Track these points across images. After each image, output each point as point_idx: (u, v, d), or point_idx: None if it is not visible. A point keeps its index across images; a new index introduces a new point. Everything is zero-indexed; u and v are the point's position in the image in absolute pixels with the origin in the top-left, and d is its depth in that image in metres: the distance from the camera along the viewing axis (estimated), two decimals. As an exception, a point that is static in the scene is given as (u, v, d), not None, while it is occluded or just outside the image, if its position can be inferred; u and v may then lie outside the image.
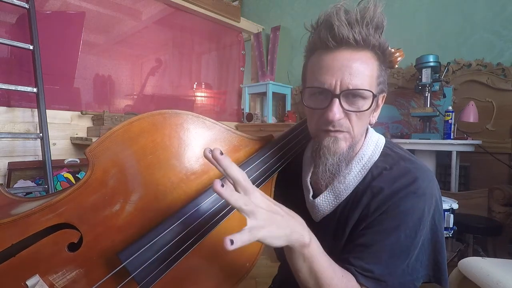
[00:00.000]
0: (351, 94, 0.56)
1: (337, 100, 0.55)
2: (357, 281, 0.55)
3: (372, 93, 0.56)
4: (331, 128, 0.58)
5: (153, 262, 0.53)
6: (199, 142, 0.63)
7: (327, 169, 0.59)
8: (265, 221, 0.42)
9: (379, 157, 0.63)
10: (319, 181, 0.63)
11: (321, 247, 0.52)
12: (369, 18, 0.54)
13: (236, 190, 0.43)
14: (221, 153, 0.43)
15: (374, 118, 0.64)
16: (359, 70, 0.55)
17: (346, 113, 0.57)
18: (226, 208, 0.60)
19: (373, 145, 0.64)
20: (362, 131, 0.61)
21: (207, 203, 0.59)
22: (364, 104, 0.56)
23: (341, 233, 0.63)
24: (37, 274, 0.52)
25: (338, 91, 0.55)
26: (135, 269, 0.52)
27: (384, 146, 0.65)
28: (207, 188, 0.60)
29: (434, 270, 0.61)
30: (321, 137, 0.60)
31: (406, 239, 0.56)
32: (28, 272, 0.51)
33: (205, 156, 0.43)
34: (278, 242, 0.44)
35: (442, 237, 0.61)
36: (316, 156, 0.61)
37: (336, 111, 0.55)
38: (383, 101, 0.65)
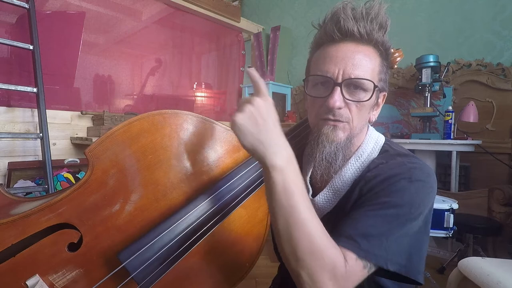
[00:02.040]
0: (353, 85, 0.57)
1: (338, 89, 0.57)
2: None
3: (374, 83, 0.57)
4: (331, 116, 0.58)
5: (153, 262, 0.53)
6: (199, 142, 0.63)
7: (323, 157, 0.60)
8: (243, 115, 0.48)
9: (378, 154, 0.64)
10: (316, 170, 0.63)
11: (302, 187, 0.49)
12: (374, 15, 0.57)
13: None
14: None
15: (374, 116, 0.65)
16: (362, 62, 0.57)
17: (347, 103, 0.58)
18: (226, 208, 0.60)
19: (372, 142, 0.65)
20: (361, 125, 0.62)
21: (206, 204, 0.59)
22: (365, 96, 0.58)
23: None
24: (37, 274, 0.52)
25: (340, 80, 0.57)
26: (135, 270, 0.52)
27: (384, 144, 0.66)
28: (207, 190, 0.60)
29: (407, 260, 0.55)
30: (320, 125, 0.61)
31: (391, 216, 0.53)
32: (28, 272, 0.51)
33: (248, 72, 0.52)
34: (242, 140, 0.48)
35: (425, 231, 0.57)
36: (314, 144, 0.61)
37: (337, 98, 0.56)
38: (384, 100, 0.66)
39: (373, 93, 0.58)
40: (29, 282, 0.50)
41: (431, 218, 0.60)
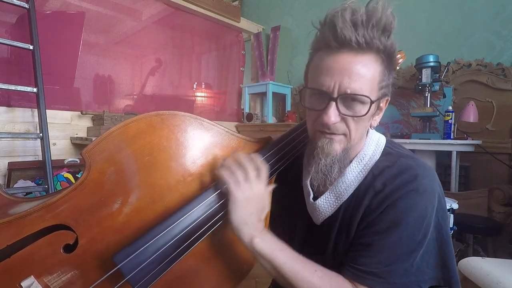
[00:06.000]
0: (350, 98, 0.55)
1: (333, 104, 0.54)
2: (353, 279, 0.55)
3: (370, 100, 0.54)
4: (326, 130, 0.57)
5: (148, 265, 0.53)
6: (197, 143, 0.63)
7: (319, 169, 0.59)
8: (243, 195, 0.58)
9: (380, 156, 0.62)
10: (313, 181, 0.63)
11: (278, 244, 0.58)
12: (375, 20, 0.52)
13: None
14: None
15: (376, 121, 0.63)
16: (360, 74, 0.53)
17: (343, 117, 0.56)
18: (223, 210, 0.59)
19: (373, 145, 0.64)
20: (359, 135, 0.60)
21: (203, 206, 0.58)
22: (362, 109, 0.55)
23: (345, 236, 0.62)
24: (32, 276, 0.51)
25: (335, 95, 0.54)
26: (130, 272, 0.51)
27: (385, 146, 0.65)
28: (204, 191, 0.59)
29: (443, 271, 0.59)
30: (317, 137, 0.60)
31: (408, 238, 0.55)
32: (23, 274, 0.51)
33: None
34: (233, 215, 0.57)
35: (448, 235, 0.59)
36: (311, 155, 0.60)
37: (332, 114, 0.54)
38: (386, 104, 0.63)
39: (370, 106, 0.55)
40: (24, 284, 0.50)
41: (446, 218, 0.60)
